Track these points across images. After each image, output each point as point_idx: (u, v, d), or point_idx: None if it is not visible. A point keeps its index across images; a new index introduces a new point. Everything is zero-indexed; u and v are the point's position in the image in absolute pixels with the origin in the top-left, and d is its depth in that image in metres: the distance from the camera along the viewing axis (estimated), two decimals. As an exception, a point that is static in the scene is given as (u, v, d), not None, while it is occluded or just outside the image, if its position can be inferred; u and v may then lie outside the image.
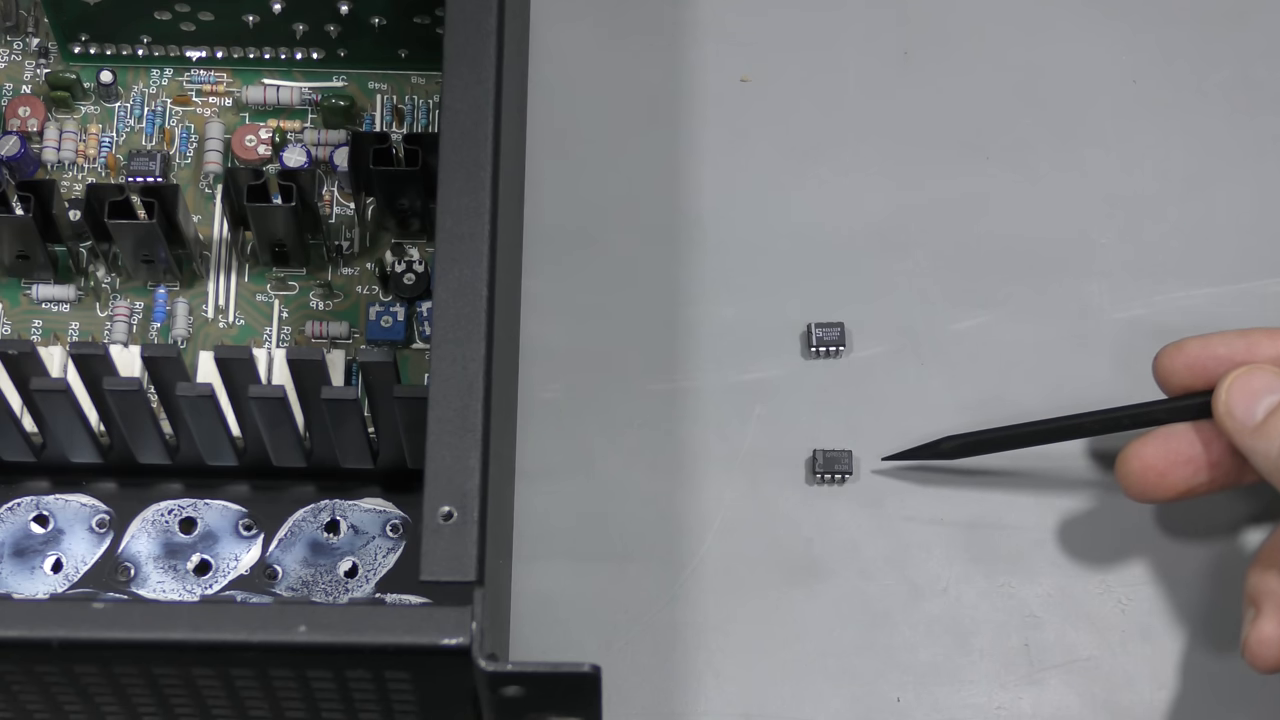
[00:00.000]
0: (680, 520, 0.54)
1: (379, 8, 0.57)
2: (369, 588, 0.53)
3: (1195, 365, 0.51)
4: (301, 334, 0.56)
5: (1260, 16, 0.61)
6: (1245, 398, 0.50)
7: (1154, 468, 0.51)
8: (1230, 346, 0.51)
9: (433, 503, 0.43)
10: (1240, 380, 0.50)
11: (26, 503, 0.54)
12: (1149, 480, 0.52)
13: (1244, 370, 0.50)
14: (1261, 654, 0.50)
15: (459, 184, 0.46)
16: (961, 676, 0.53)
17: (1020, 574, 0.54)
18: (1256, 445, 0.49)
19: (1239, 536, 0.54)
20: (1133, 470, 0.52)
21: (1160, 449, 0.51)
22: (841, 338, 0.56)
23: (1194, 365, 0.51)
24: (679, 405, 0.56)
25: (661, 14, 0.61)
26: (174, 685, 0.43)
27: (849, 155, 0.59)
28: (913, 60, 0.60)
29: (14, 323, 0.57)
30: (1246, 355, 0.51)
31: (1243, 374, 0.50)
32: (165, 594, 0.53)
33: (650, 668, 0.53)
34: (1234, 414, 0.50)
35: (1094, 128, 0.59)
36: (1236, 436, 0.50)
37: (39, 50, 0.60)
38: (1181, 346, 0.52)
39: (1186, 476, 0.51)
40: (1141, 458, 0.52)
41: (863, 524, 0.55)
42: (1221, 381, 0.50)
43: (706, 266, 0.57)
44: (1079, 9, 0.61)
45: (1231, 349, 0.51)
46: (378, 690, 0.43)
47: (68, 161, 0.58)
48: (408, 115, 0.59)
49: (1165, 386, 0.52)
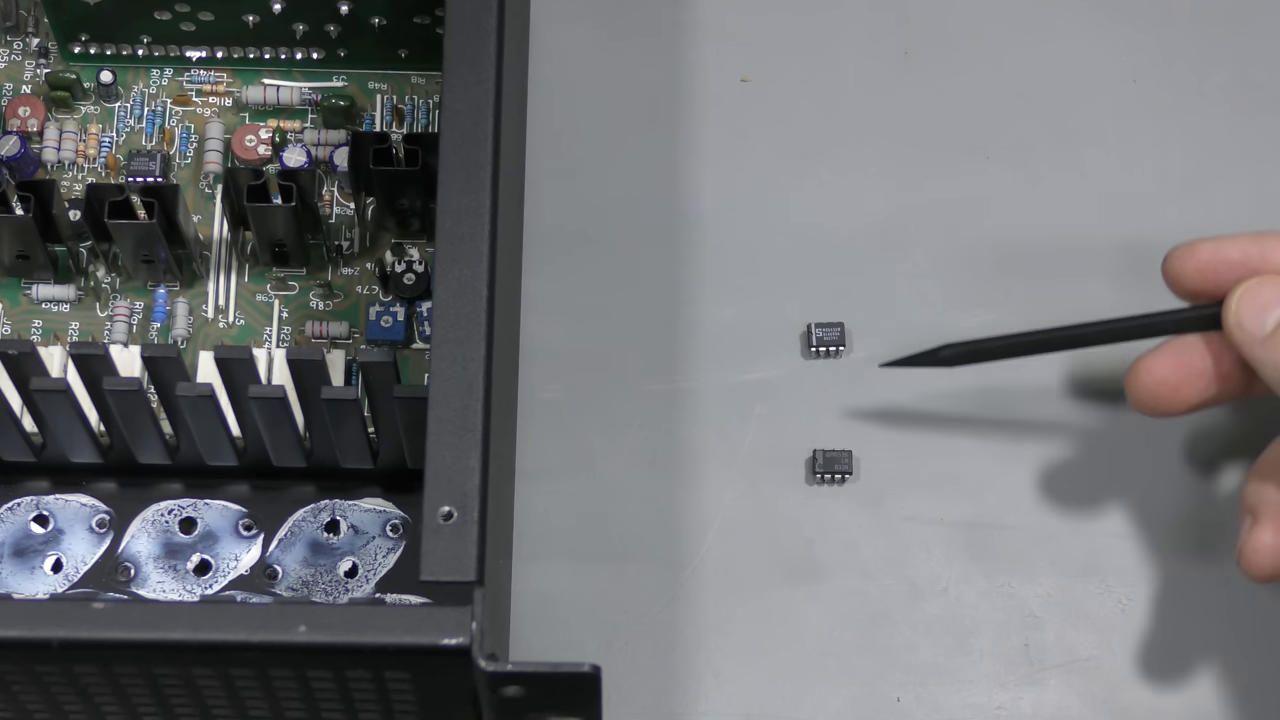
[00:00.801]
0: (680, 520, 0.54)
1: (379, 8, 0.57)
2: (369, 588, 0.53)
3: (1206, 269, 0.51)
4: (301, 334, 0.56)
5: (1260, 17, 0.61)
6: (1255, 309, 0.49)
7: (1167, 382, 0.51)
8: (1243, 250, 0.50)
9: (433, 503, 0.43)
10: (1250, 291, 0.49)
11: (26, 503, 0.54)
12: (1162, 395, 0.51)
13: (1255, 281, 0.50)
14: (1257, 561, 0.49)
15: (459, 184, 0.46)
16: (961, 676, 0.53)
17: (1020, 574, 0.54)
18: (1265, 356, 0.49)
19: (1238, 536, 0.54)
20: (1145, 385, 0.51)
21: (1172, 363, 0.51)
22: (841, 338, 0.56)
23: (1205, 269, 0.51)
24: (679, 405, 0.56)
25: (661, 14, 0.61)
26: (174, 685, 0.43)
27: (849, 155, 0.59)
28: (913, 60, 0.60)
29: (14, 323, 0.57)
30: (1260, 260, 0.50)
31: (1253, 284, 0.50)
32: (165, 594, 0.53)
33: (650, 668, 0.53)
34: (1243, 325, 0.49)
35: (1094, 128, 0.59)
36: (1245, 348, 0.49)
37: (39, 50, 0.60)
38: (1193, 249, 0.51)
39: (1199, 390, 0.51)
40: (1153, 372, 0.51)
41: (863, 524, 0.55)
42: (1232, 293, 0.50)
43: (706, 266, 0.57)
44: (1079, 9, 0.61)
45: (1245, 253, 0.50)
46: (378, 690, 0.43)
47: (68, 161, 0.58)
48: (408, 115, 0.59)
49: (1175, 289, 0.51)
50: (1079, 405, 0.56)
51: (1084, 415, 0.56)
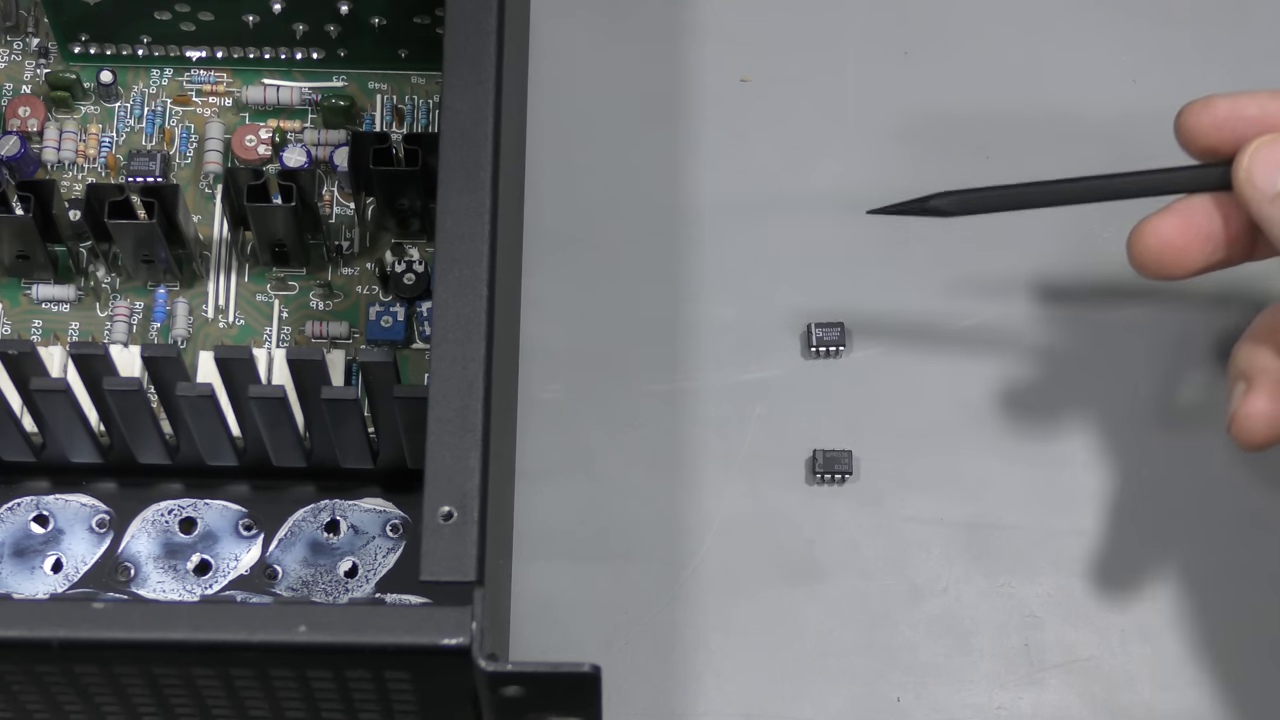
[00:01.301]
0: (680, 520, 0.54)
1: (379, 8, 0.57)
2: (369, 588, 0.53)
3: (1223, 126, 0.49)
4: (301, 334, 0.56)
5: (1260, 17, 0.61)
6: (1268, 166, 0.48)
7: (1172, 244, 0.49)
8: (1263, 108, 0.49)
9: (433, 503, 0.43)
10: (1266, 147, 0.48)
11: (26, 503, 0.54)
12: (1167, 258, 0.49)
13: (1270, 136, 0.48)
14: (1249, 428, 0.48)
15: (459, 184, 0.46)
16: (961, 676, 0.53)
17: (1020, 574, 0.54)
18: (1274, 214, 0.47)
19: (1239, 536, 0.54)
20: (1150, 247, 0.49)
21: (1179, 224, 0.49)
22: (841, 338, 0.56)
23: (1221, 125, 0.49)
24: (679, 405, 0.56)
25: (661, 14, 0.61)
26: (174, 685, 0.43)
27: (849, 155, 0.59)
28: (913, 60, 0.60)
29: (14, 323, 0.57)
30: (1278, 117, 0.49)
31: (1268, 140, 0.48)
32: (165, 594, 0.53)
33: (650, 668, 0.53)
34: (1255, 181, 0.48)
35: (1094, 128, 0.59)
36: (1254, 205, 0.48)
37: (39, 50, 0.60)
38: (1209, 103, 0.49)
39: (1205, 253, 0.49)
40: (1159, 234, 0.49)
41: (863, 524, 0.55)
42: (1245, 148, 0.48)
43: (706, 266, 0.57)
44: (1079, 9, 0.61)
45: (1263, 109, 0.49)
46: (378, 690, 0.43)
47: (68, 161, 0.58)
48: (408, 115, 0.59)
49: (1188, 147, 0.50)
50: (1080, 405, 0.56)
51: (1086, 416, 0.56)
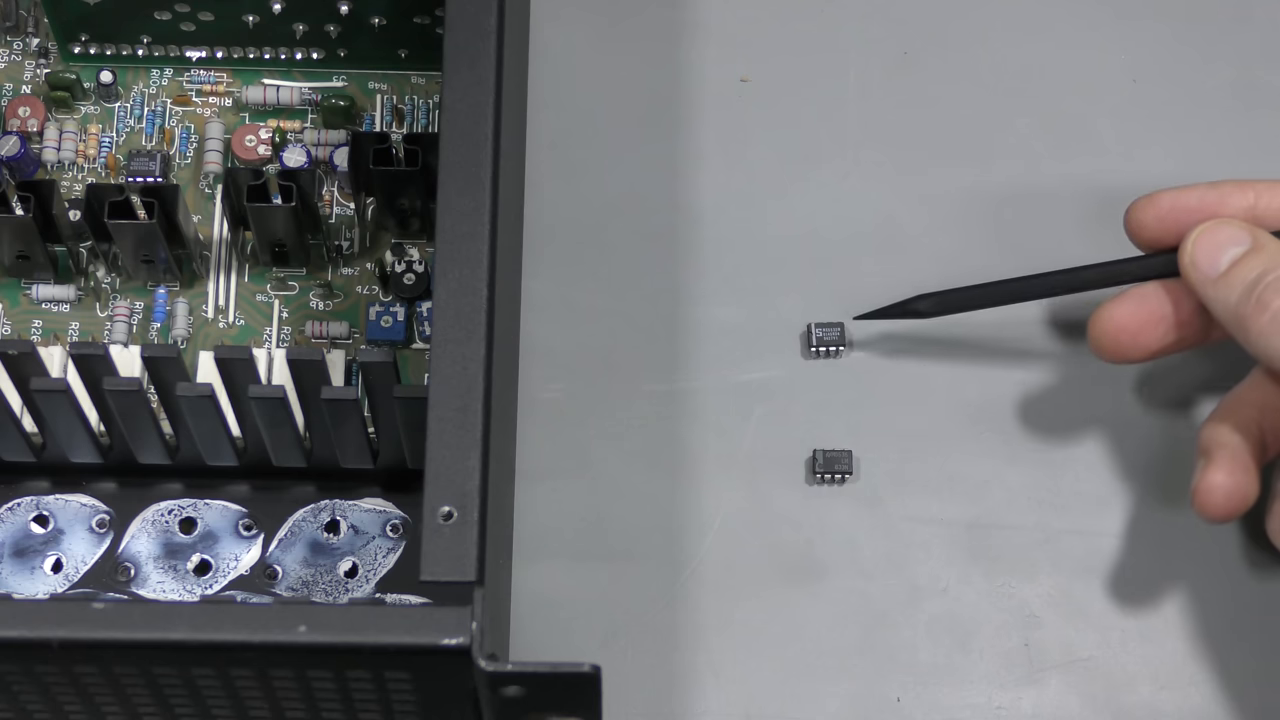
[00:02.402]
0: (680, 520, 0.54)
1: (379, 8, 0.57)
2: (369, 588, 0.53)
3: (1166, 218, 0.52)
4: (301, 334, 0.56)
5: (1260, 16, 0.61)
6: (1210, 249, 0.51)
7: (1126, 328, 0.52)
8: (1201, 199, 0.52)
9: (433, 503, 0.43)
10: (1207, 232, 0.51)
11: (26, 503, 0.54)
12: (1122, 341, 0.52)
13: (1211, 223, 0.51)
14: (1210, 501, 0.50)
15: (459, 184, 0.46)
16: (961, 676, 0.53)
17: (1020, 574, 0.54)
18: (1218, 295, 0.50)
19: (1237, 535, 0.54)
20: (1106, 332, 0.52)
21: (1132, 309, 0.52)
22: (841, 338, 0.56)
23: (1165, 218, 0.52)
24: (679, 406, 0.56)
25: (661, 14, 0.61)
26: (174, 685, 0.43)
27: (849, 155, 0.59)
28: (912, 61, 0.60)
29: (14, 323, 0.57)
30: (1217, 206, 0.52)
31: (1210, 226, 0.51)
32: (165, 594, 0.53)
33: (650, 668, 0.53)
34: (1198, 265, 0.51)
35: (1094, 128, 0.59)
36: (1200, 287, 0.51)
37: (39, 50, 0.60)
38: (1153, 199, 0.53)
39: (1158, 336, 0.52)
40: (1114, 319, 0.52)
41: (863, 524, 0.55)
42: (1189, 235, 0.51)
43: (706, 266, 0.57)
44: (1079, 9, 0.61)
45: (1203, 201, 0.52)
46: (378, 690, 0.43)
47: (68, 161, 0.58)
48: (408, 115, 0.59)
49: (1136, 240, 0.53)
50: (1080, 405, 0.56)
51: (1086, 416, 0.56)
